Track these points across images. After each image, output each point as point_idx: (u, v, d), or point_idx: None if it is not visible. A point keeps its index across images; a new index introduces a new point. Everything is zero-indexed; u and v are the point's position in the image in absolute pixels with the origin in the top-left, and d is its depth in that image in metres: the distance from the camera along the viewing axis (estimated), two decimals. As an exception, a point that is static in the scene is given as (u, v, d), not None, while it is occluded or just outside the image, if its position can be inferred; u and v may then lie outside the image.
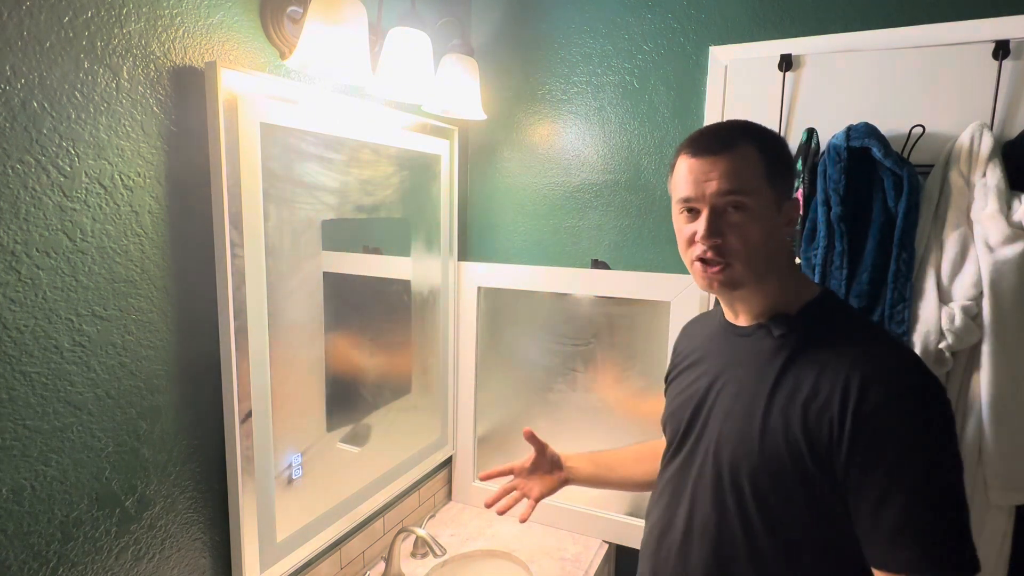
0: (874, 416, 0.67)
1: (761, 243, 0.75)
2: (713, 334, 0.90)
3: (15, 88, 0.69)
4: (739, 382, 0.80)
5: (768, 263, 0.77)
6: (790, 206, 0.79)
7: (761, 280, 0.79)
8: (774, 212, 0.76)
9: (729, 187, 0.74)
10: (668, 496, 0.87)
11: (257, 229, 0.97)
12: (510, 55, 1.55)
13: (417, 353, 1.47)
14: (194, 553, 0.97)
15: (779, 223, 0.78)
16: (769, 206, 0.76)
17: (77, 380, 0.79)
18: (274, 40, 1.00)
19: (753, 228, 0.75)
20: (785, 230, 0.79)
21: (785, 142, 0.81)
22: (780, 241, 0.79)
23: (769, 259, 0.77)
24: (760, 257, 0.76)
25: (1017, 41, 1.08)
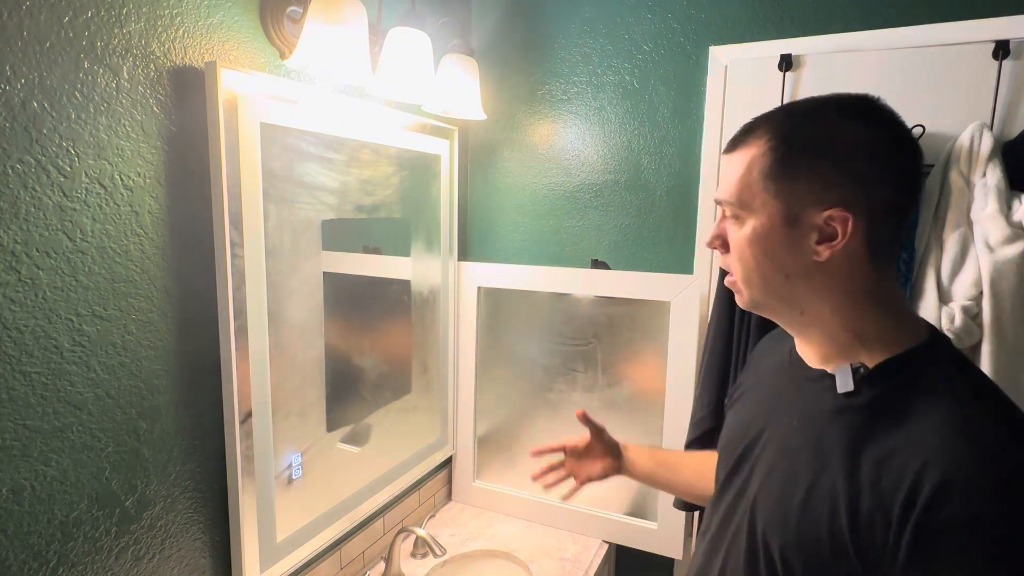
0: (947, 533, 0.50)
1: (759, 268, 0.62)
2: (781, 364, 0.73)
3: (15, 88, 0.69)
4: (789, 436, 0.66)
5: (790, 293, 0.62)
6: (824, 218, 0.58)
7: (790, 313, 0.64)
8: (783, 228, 0.60)
9: (721, 196, 0.64)
10: (709, 541, 0.76)
11: (257, 229, 0.97)
12: (510, 55, 1.55)
13: (417, 353, 1.47)
14: (194, 553, 0.97)
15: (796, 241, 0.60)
16: (773, 222, 0.60)
17: (77, 380, 0.79)
18: (274, 40, 1.00)
19: (748, 249, 0.62)
20: (817, 249, 0.59)
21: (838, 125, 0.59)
22: (808, 265, 0.60)
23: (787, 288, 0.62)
24: (761, 281, 0.63)
25: (1017, 41, 1.08)
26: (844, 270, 0.60)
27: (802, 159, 0.59)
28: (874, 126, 0.59)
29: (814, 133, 0.60)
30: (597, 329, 1.49)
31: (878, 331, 0.61)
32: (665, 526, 1.44)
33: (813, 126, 0.60)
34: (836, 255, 0.59)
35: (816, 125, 0.60)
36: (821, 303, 0.62)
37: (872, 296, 0.61)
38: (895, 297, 0.63)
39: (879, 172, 0.58)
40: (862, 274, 0.60)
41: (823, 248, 0.59)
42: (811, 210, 0.59)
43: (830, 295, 0.61)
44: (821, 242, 0.59)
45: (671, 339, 1.39)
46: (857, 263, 0.59)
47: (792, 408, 0.67)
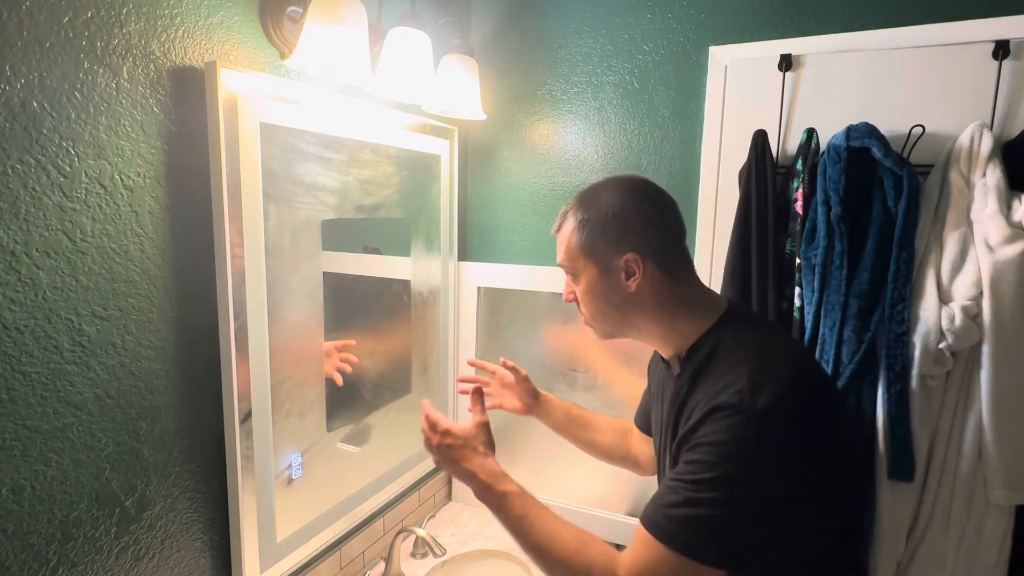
0: (698, 427, 0.74)
1: (597, 308, 0.84)
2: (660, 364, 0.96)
3: (15, 88, 0.69)
4: (663, 417, 0.88)
5: (623, 320, 0.84)
6: (623, 260, 0.81)
7: (632, 332, 0.86)
8: (601, 276, 0.83)
9: (560, 263, 0.87)
10: None
11: (257, 229, 0.97)
12: (510, 55, 1.55)
13: (417, 353, 1.47)
14: (194, 553, 0.97)
15: (614, 282, 0.82)
16: (595, 274, 0.83)
17: (77, 380, 0.79)
18: (274, 40, 1.00)
19: (586, 297, 0.85)
20: (628, 283, 0.82)
21: (617, 200, 0.83)
22: (621, 295, 0.82)
23: (620, 314, 0.84)
24: (603, 316, 0.85)
25: (1017, 41, 1.08)
26: (652, 290, 0.82)
27: (597, 230, 0.82)
28: (632, 194, 0.83)
29: (600, 210, 0.83)
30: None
31: (688, 325, 0.83)
32: (665, 526, 1.44)
33: (597, 205, 0.83)
34: (642, 284, 0.82)
35: (598, 204, 0.83)
36: (647, 319, 0.84)
37: (680, 302, 0.84)
38: (697, 292, 0.86)
39: (646, 222, 0.82)
40: (665, 289, 0.83)
41: (631, 282, 0.82)
42: (614, 259, 0.82)
43: (650, 311, 0.83)
44: (628, 278, 0.82)
45: (671, 339, 1.39)
46: (659, 283, 0.82)
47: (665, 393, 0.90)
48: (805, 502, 0.72)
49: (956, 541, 1.08)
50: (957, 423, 1.07)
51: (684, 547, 0.70)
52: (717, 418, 0.71)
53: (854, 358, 1.09)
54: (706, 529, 0.69)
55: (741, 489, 0.69)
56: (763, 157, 1.20)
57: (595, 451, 1.19)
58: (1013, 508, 1.06)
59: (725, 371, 0.75)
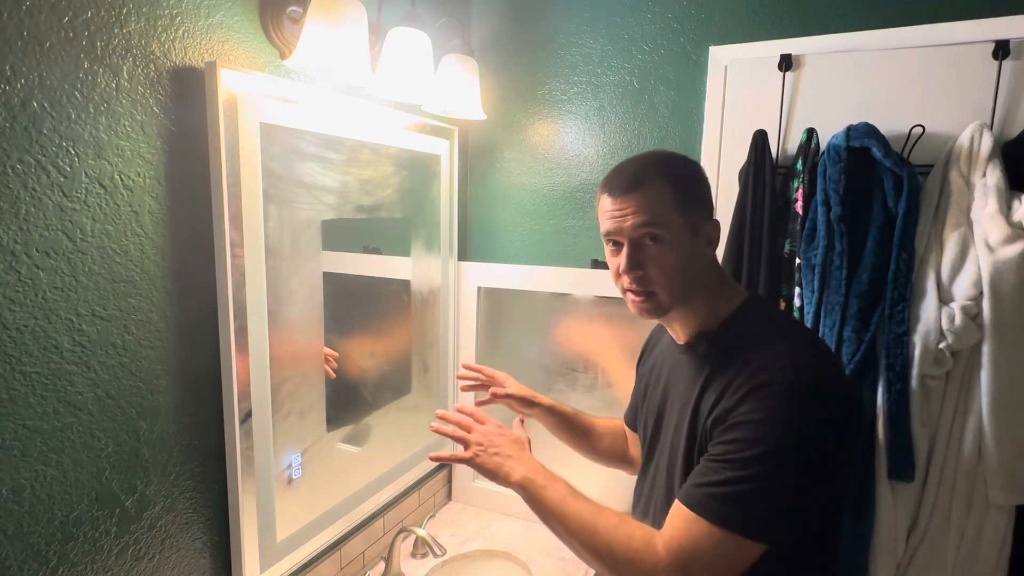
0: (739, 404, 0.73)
1: (678, 269, 0.81)
2: (667, 348, 0.95)
3: (15, 88, 0.69)
4: (679, 400, 0.86)
5: (690, 285, 0.83)
6: (710, 227, 0.84)
7: (687, 302, 0.84)
8: (690, 237, 0.81)
9: (643, 221, 0.81)
10: (641, 506, 0.95)
11: (257, 229, 0.97)
12: (510, 55, 1.55)
13: (417, 353, 1.47)
14: (194, 553, 0.97)
15: (697, 244, 0.82)
16: (683, 233, 0.81)
17: (77, 380, 0.79)
18: (274, 40, 1.00)
19: (669, 257, 0.81)
20: (706, 250, 0.84)
21: (698, 168, 0.85)
22: (701, 261, 0.83)
23: (691, 281, 0.82)
24: (680, 282, 0.82)
25: (1017, 41, 1.08)
26: (713, 264, 0.86)
27: (691, 191, 0.82)
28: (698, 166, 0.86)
29: (688, 174, 0.84)
30: (597, 329, 1.49)
31: (722, 303, 0.84)
32: (665, 526, 1.44)
33: (683, 169, 0.84)
34: (710, 254, 0.84)
35: (685, 168, 0.84)
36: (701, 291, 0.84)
37: (720, 279, 0.86)
38: (726, 276, 0.88)
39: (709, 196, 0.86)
40: (714, 266, 0.86)
41: (710, 248, 0.84)
42: (703, 223, 0.83)
43: (706, 283, 0.84)
44: (709, 245, 0.84)
45: (671, 339, 1.39)
46: (714, 258, 0.86)
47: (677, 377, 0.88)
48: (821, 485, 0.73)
49: (956, 541, 1.08)
50: (957, 423, 1.07)
51: (732, 524, 0.70)
52: (762, 395, 0.71)
53: (854, 358, 1.09)
54: (755, 504, 0.70)
55: (787, 463, 0.70)
56: (763, 157, 1.20)
57: (594, 455, 1.18)
58: (1013, 508, 1.06)
59: (762, 349, 0.76)
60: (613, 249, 0.84)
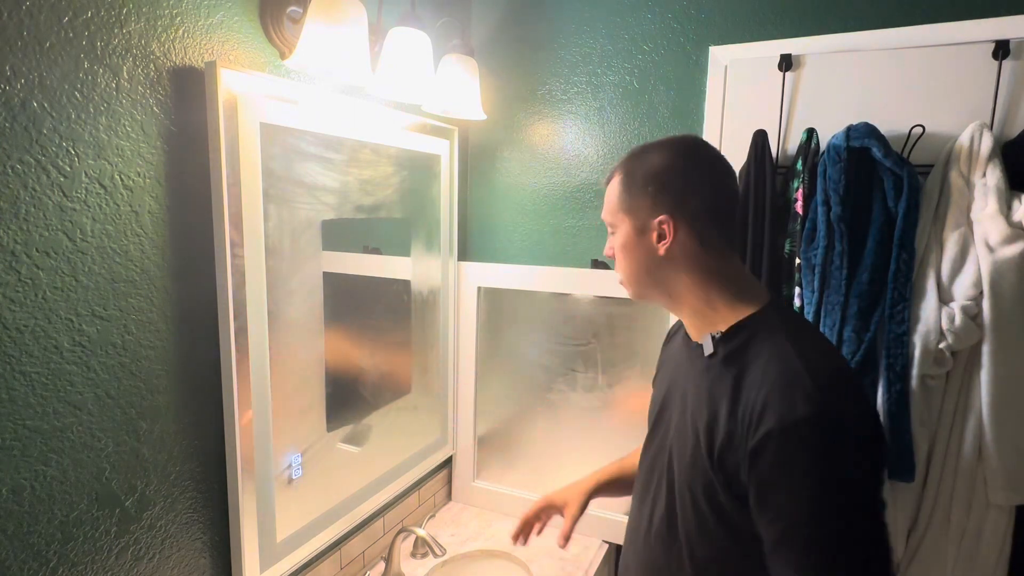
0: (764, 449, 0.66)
1: (628, 267, 0.82)
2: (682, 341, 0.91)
3: (15, 88, 0.69)
4: (684, 394, 0.84)
5: (649, 282, 0.81)
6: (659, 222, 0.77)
7: (663, 299, 0.83)
8: (634, 235, 0.80)
9: (603, 215, 0.85)
10: (640, 490, 0.92)
11: (257, 229, 0.97)
12: (510, 55, 1.55)
13: (417, 353, 1.47)
14: (194, 553, 0.97)
15: (645, 242, 0.79)
16: (630, 234, 0.80)
17: (77, 380, 0.79)
18: (274, 40, 1.00)
19: (620, 254, 0.82)
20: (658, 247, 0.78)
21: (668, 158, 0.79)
22: (653, 259, 0.79)
23: (647, 278, 0.81)
24: (634, 278, 0.82)
25: (1017, 41, 1.08)
26: (684, 257, 0.78)
27: (637, 186, 0.79)
28: (681, 154, 0.79)
29: (644, 167, 0.80)
30: (597, 329, 1.49)
31: (725, 301, 0.78)
32: (665, 526, 1.44)
33: (642, 162, 0.80)
34: (673, 248, 0.78)
35: (644, 161, 0.80)
36: (679, 285, 0.80)
37: (714, 274, 0.78)
38: (737, 274, 0.80)
39: (688, 185, 0.77)
40: (699, 258, 0.78)
41: (660, 246, 0.78)
42: (649, 220, 0.78)
43: (681, 277, 0.79)
44: (659, 241, 0.78)
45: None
46: (692, 251, 0.78)
47: (687, 375, 0.84)
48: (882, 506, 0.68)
49: (956, 541, 1.08)
50: (957, 423, 1.07)
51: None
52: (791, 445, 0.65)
53: (854, 358, 1.09)
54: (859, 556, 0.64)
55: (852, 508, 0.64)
56: (763, 157, 1.20)
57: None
58: (1013, 508, 1.06)
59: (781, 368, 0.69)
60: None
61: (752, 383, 0.70)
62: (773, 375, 0.69)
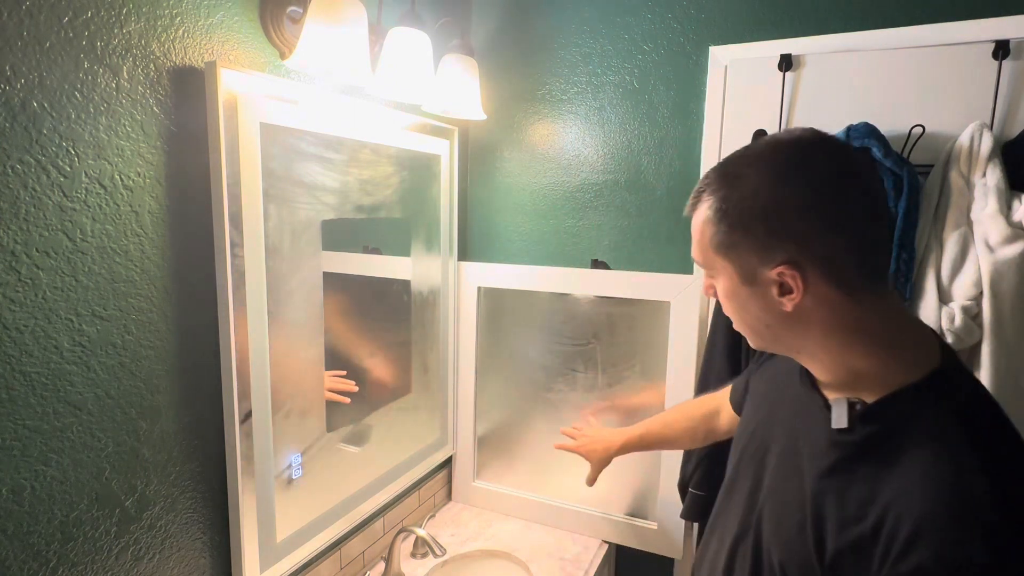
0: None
1: (741, 321, 0.65)
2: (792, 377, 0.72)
3: (15, 88, 0.69)
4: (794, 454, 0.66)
5: (776, 340, 0.63)
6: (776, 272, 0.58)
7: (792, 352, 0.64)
8: (745, 286, 0.61)
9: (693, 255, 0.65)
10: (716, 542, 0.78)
11: (257, 229, 0.97)
12: (510, 55, 1.55)
13: (417, 353, 1.47)
14: (194, 553, 0.97)
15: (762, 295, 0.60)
16: (736, 282, 0.61)
17: (77, 380, 0.79)
18: (274, 40, 1.00)
19: (726, 302, 0.64)
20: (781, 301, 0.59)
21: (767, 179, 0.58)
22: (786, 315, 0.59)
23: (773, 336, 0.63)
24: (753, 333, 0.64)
25: (1017, 41, 1.08)
26: (819, 314, 0.59)
27: (738, 227, 0.59)
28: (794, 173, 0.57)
29: (745, 201, 0.59)
30: (597, 329, 1.49)
31: (871, 366, 0.59)
32: (665, 526, 1.44)
33: (743, 192, 0.59)
34: (803, 304, 0.58)
35: (745, 190, 0.59)
36: (810, 344, 0.62)
37: (859, 331, 0.59)
38: (888, 327, 0.60)
39: (817, 224, 0.56)
40: (841, 312, 0.58)
41: (786, 300, 0.59)
42: (761, 269, 0.59)
43: (815, 337, 0.61)
44: (783, 295, 0.59)
45: (671, 339, 1.39)
46: (830, 304, 0.58)
47: (797, 428, 0.68)
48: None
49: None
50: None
51: None
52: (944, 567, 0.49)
53: (854, 358, 1.09)
54: None
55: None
56: (763, 157, 1.19)
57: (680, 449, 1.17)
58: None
59: (952, 480, 0.52)
60: None
61: (903, 489, 0.53)
62: (938, 488, 0.52)
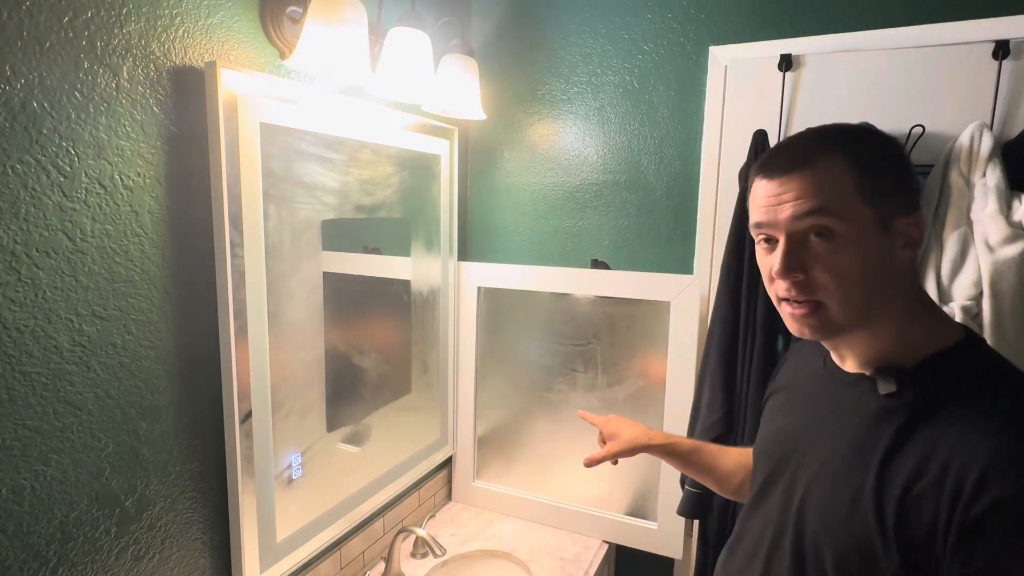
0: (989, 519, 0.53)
1: (859, 276, 0.62)
2: (816, 371, 0.74)
3: (15, 88, 0.69)
4: (833, 441, 0.67)
5: (876, 300, 0.63)
6: (907, 224, 0.62)
7: (868, 322, 0.64)
8: (877, 234, 0.61)
9: (808, 208, 0.62)
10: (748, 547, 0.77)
11: (257, 229, 0.97)
12: (510, 55, 1.55)
13: (417, 353, 1.47)
14: (194, 553, 0.97)
15: (889, 247, 0.62)
16: (868, 228, 0.61)
17: (77, 380, 0.79)
18: (274, 40, 1.00)
19: (845, 258, 0.61)
20: (901, 255, 0.62)
21: (893, 145, 0.65)
22: (893, 271, 0.62)
23: (877, 295, 0.62)
24: (861, 293, 0.62)
25: (1017, 41, 1.08)
26: (907, 275, 0.64)
27: (884, 171, 0.62)
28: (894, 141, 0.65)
29: (882, 149, 0.64)
30: (597, 329, 1.49)
31: (924, 331, 0.64)
32: (665, 526, 1.44)
33: (875, 144, 0.64)
34: (909, 260, 0.63)
35: (877, 143, 0.65)
36: (885, 313, 0.64)
37: (920, 298, 0.65)
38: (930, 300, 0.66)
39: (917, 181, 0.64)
40: (911, 278, 0.64)
41: (907, 252, 0.62)
42: (899, 216, 0.62)
43: (897, 304, 0.64)
44: (906, 247, 0.63)
45: (671, 339, 1.39)
46: (911, 268, 0.64)
47: (832, 414, 0.69)
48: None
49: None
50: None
51: None
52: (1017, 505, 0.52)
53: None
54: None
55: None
56: (763, 157, 1.20)
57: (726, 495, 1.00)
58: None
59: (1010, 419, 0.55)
60: (766, 247, 0.67)
61: (962, 438, 0.56)
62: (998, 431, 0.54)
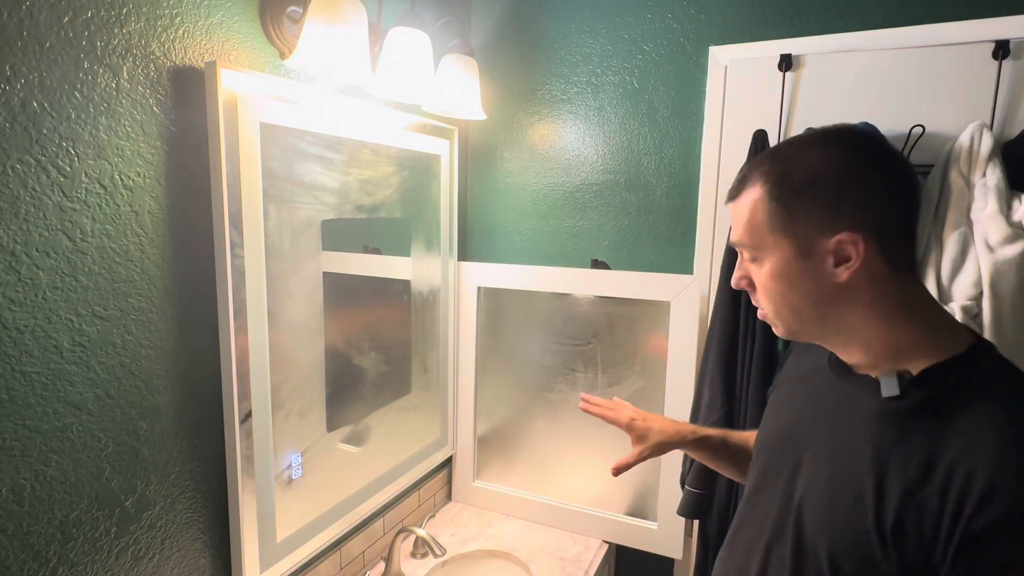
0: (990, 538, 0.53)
1: (787, 299, 0.65)
2: (821, 367, 0.75)
3: (15, 88, 0.69)
4: (835, 440, 0.67)
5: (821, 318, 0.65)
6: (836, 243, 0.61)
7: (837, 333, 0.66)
8: (798, 261, 0.63)
9: (735, 240, 0.67)
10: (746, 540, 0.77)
11: (257, 229, 0.97)
12: (510, 55, 1.55)
13: (417, 353, 1.47)
14: (194, 553, 0.97)
15: (814, 270, 0.63)
16: (787, 256, 0.64)
17: (77, 380, 0.79)
18: (274, 40, 1.00)
19: (772, 283, 0.65)
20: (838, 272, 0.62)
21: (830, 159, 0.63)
22: (832, 289, 0.63)
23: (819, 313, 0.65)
24: (795, 314, 0.66)
25: (1017, 41, 1.08)
26: (868, 286, 0.62)
27: (797, 200, 0.63)
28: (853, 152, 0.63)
29: (804, 171, 0.63)
30: (597, 329, 1.49)
31: (915, 340, 0.63)
32: (665, 526, 1.44)
33: (798, 165, 0.64)
34: (856, 274, 0.62)
35: (801, 163, 0.64)
36: (855, 320, 0.64)
37: (903, 306, 0.63)
38: (928, 304, 0.65)
39: (876, 198, 0.62)
40: (887, 286, 0.63)
41: (841, 270, 0.62)
42: (820, 239, 0.62)
43: (861, 311, 0.64)
44: (838, 264, 0.62)
45: (671, 339, 1.39)
46: (879, 277, 0.62)
47: (834, 413, 0.69)
48: None
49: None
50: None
51: None
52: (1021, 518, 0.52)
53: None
54: None
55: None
56: (763, 157, 1.20)
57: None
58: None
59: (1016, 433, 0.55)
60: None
61: (969, 448, 0.55)
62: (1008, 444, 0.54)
